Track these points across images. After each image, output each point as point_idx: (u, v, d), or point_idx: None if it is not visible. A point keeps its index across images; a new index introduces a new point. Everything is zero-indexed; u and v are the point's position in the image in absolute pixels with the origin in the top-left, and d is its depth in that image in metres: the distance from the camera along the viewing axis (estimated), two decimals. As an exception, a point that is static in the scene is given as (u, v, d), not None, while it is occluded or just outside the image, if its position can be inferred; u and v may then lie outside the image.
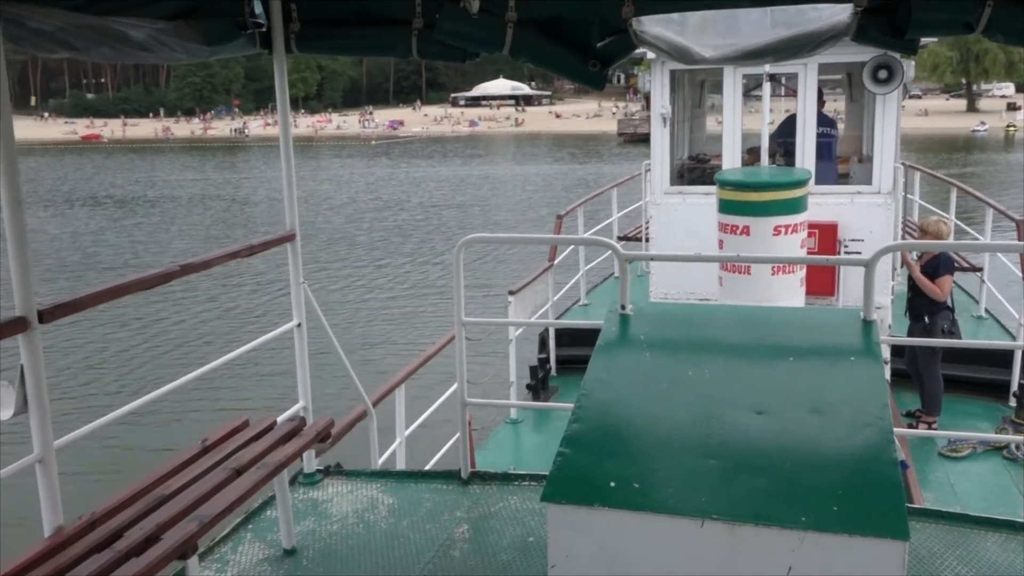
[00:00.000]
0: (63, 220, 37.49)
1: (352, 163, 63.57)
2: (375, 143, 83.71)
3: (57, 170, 62.65)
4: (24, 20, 2.86)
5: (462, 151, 71.47)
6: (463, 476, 4.64)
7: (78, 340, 16.71)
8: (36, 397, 2.96)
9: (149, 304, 19.09)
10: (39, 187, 51.27)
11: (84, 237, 32.71)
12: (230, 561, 3.94)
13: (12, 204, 2.88)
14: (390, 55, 4.11)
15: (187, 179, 54.01)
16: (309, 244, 29.52)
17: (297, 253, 4.48)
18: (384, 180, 50.46)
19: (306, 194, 42.88)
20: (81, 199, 44.97)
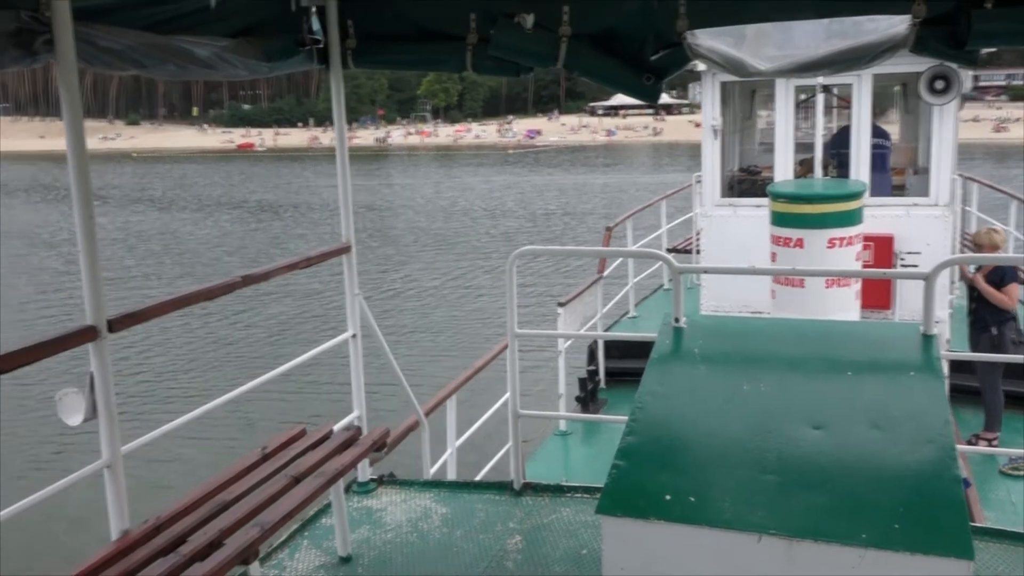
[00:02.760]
0: (212, 223, 39.35)
1: (484, 171, 65.11)
2: (512, 152, 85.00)
3: (211, 176, 65.98)
4: (95, 39, 2.98)
5: (595, 160, 72.23)
6: (515, 487, 4.66)
7: (143, 348, 17.10)
8: (105, 404, 3.02)
9: (210, 313, 19.55)
10: (192, 192, 53.87)
11: (227, 238, 34.23)
12: (287, 567, 4.00)
13: (84, 217, 2.97)
14: (444, 70, 4.18)
15: (322, 185, 55.94)
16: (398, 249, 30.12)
17: (353, 265, 4.55)
18: (507, 188, 51.42)
19: (425, 201, 44.66)
20: (228, 204, 46.72)
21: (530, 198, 46.02)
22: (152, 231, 38.04)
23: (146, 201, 51.58)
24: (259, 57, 3.74)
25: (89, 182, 3.02)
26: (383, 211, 42.90)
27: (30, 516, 2.83)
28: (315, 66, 4.17)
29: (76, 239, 3.03)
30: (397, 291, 23.89)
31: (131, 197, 54.24)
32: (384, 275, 26.08)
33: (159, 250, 32.64)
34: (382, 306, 21.57)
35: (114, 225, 39.71)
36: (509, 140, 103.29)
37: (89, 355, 3.02)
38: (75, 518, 6.92)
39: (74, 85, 2.89)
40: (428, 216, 40.29)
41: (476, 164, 73.48)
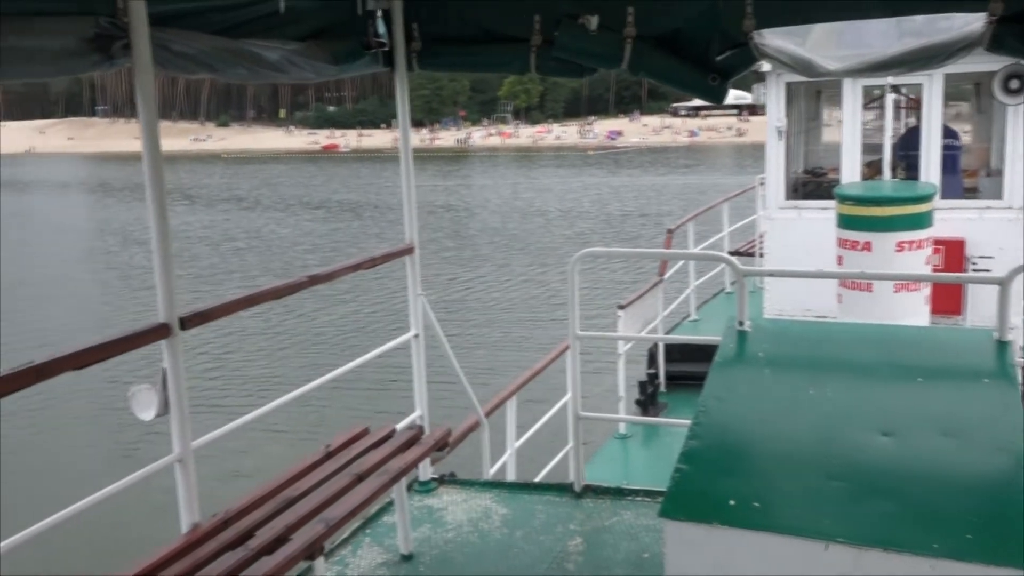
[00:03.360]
0: (293, 222, 40.71)
1: (562, 173, 65.53)
2: (592, 154, 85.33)
3: (295, 177, 68.04)
4: (170, 44, 3.06)
5: (676, 162, 72.02)
6: (576, 489, 4.66)
7: (214, 345, 17.58)
8: (177, 400, 3.10)
9: (277, 312, 19.95)
10: (276, 192, 55.77)
11: (307, 237, 35.33)
12: (350, 564, 4.06)
13: (158, 217, 3.05)
14: (508, 71, 4.21)
15: (401, 186, 56.60)
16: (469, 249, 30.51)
17: (416, 266, 4.61)
18: (584, 189, 51.65)
19: (502, 202, 45.29)
20: (310, 203, 48.18)
21: (607, 199, 45.95)
22: (236, 229, 39.14)
23: (232, 200, 53.05)
24: (326, 60, 3.82)
25: (163, 183, 3.08)
26: (459, 211, 43.38)
27: (104, 507, 2.91)
28: (380, 68, 4.23)
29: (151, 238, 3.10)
30: (465, 290, 24.16)
31: (219, 196, 55.85)
32: (453, 275, 26.40)
33: (243, 248, 33.55)
34: (449, 306, 21.81)
35: (201, 223, 41.00)
36: (589, 141, 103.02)
37: (162, 352, 3.09)
38: (148, 510, 7.16)
39: (150, 88, 2.98)
40: (503, 217, 40.61)
41: (555, 165, 73.70)
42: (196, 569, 2.92)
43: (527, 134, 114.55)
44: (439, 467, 4.83)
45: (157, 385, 3.08)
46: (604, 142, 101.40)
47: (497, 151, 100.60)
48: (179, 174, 78.18)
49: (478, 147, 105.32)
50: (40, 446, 13.12)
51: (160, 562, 2.90)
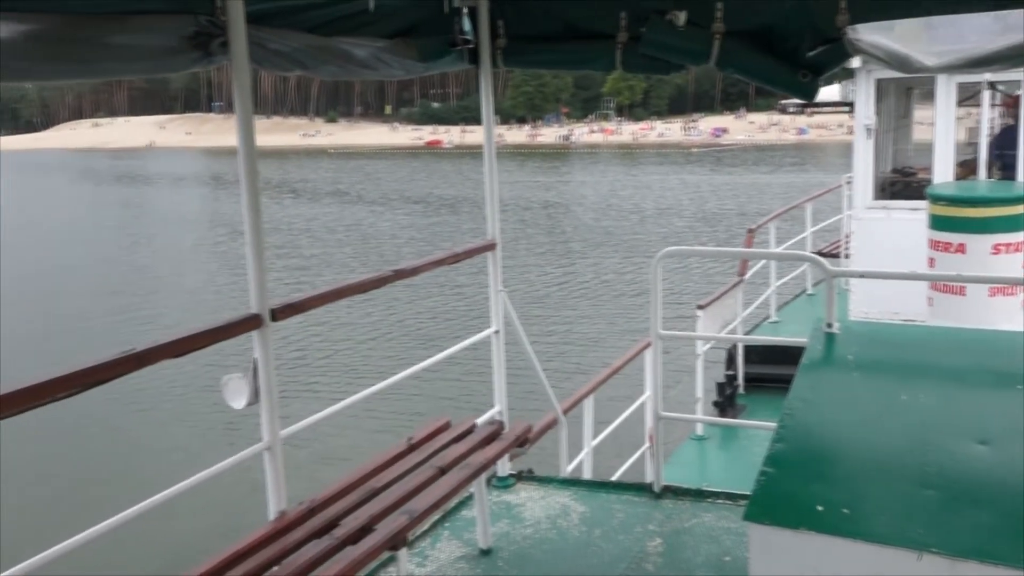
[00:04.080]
0: (391, 216, 41.84)
1: (663, 170, 65.36)
2: (695, 151, 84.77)
3: (397, 172, 69.93)
4: (265, 42, 3.16)
5: (782, 160, 71.07)
6: (655, 489, 4.62)
7: (302, 336, 17.98)
8: (266, 389, 3.17)
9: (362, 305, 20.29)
10: (378, 186, 57.36)
11: (405, 231, 36.30)
12: (429, 556, 4.11)
13: (252, 211, 3.12)
14: (593, 68, 4.20)
15: (499, 182, 57.43)
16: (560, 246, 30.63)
17: (497, 262, 4.64)
18: (684, 187, 51.39)
19: (599, 199, 45.37)
20: (410, 198, 49.39)
21: (706, 198, 45.33)
22: (337, 223, 40.07)
23: (335, 194, 54.37)
24: (414, 57, 3.88)
25: (257, 177, 3.15)
26: (555, 208, 43.46)
27: (196, 493, 3.00)
28: (466, 66, 4.27)
29: (245, 231, 3.17)
30: (553, 287, 24.17)
31: (323, 191, 57.29)
32: (543, 271, 26.49)
33: (342, 240, 34.32)
34: (535, 301, 21.86)
35: (304, 216, 42.14)
36: (693, 139, 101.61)
37: (253, 342, 3.16)
38: (232, 497, 7.41)
39: (246, 85, 3.05)
40: (599, 214, 40.57)
41: (656, 163, 73.07)
42: (284, 555, 2.98)
43: (629, 131, 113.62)
44: (517, 463, 4.85)
45: (248, 374, 3.15)
46: (708, 139, 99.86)
47: (598, 148, 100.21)
48: (287, 169, 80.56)
49: (580, 144, 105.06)
50: (145, 429, 13.67)
51: (249, 547, 2.96)
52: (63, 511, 10.18)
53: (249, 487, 4.31)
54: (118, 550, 7.90)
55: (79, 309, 22.71)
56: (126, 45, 2.66)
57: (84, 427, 13.21)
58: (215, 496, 5.98)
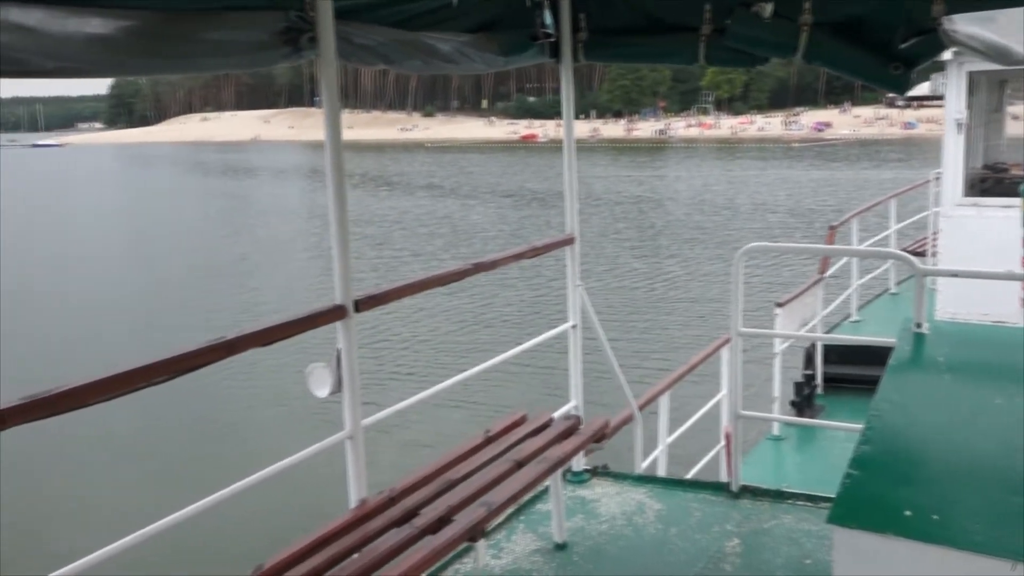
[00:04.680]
0: (482, 209, 42.18)
1: (761, 165, 64.46)
2: (796, 146, 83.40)
3: (490, 166, 70.70)
4: (352, 37, 3.21)
5: (887, 155, 69.21)
6: (733, 489, 4.55)
7: (383, 327, 18.21)
8: (349, 379, 3.22)
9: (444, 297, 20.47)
10: (471, 180, 58.10)
11: (494, 224, 36.54)
12: (504, 548, 4.12)
13: (337, 204, 3.16)
14: (676, 62, 4.13)
15: (592, 176, 57.89)
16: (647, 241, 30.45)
17: (576, 256, 4.61)
18: (781, 182, 50.53)
19: (691, 194, 45.05)
20: (501, 192, 49.91)
21: (803, 194, 44.25)
22: (429, 216, 40.55)
23: (429, 187, 55.01)
24: (496, 51, 3.90)
25: (343, 171, 3.19)
26: (647, 203, 43.08)
27: (279, 480, 3.06)
28: (547, 60, 4.26)
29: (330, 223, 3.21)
30: (636, 281, 23.93)
31: (416, 184, 58.05)
32: (628, 265, 26.28)
33: (432, 233, 34.72)
34: (617, 295, 21.69)
35: (397, 209, 42.81)
36: (794, 133, 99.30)
37: (337, 333, 3.22)
38: (314, 485, 7.57)
39: (333, 79, 3.10)
40: (691, 209, 40.00)
41: (754, 158, 71.73)
42: (365, 543, 3.02)
43: (728, 125, 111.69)
44: (591, 459, 4.83)
45: (332, 364, 3.20)
46: (810, 134, 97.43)
47: (695, 142, 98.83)
48: (384, 162, 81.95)
49: (676, 138, 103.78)
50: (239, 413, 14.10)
51: (331, 534, 3.01)
52: (168, 485, 10.66)
53: (330, 474, 4.40)
54: (202, 534, 8.24)
55: (180, 298, 23.56)
56: (220, 41, 2.72)
57: (192, 409, 13.71)
58: (299, 482, 6.14)
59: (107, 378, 2.38)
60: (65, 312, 22.33)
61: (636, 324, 19.12)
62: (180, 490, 9.78)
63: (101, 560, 2.41)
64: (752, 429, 7.88)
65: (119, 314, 21.99)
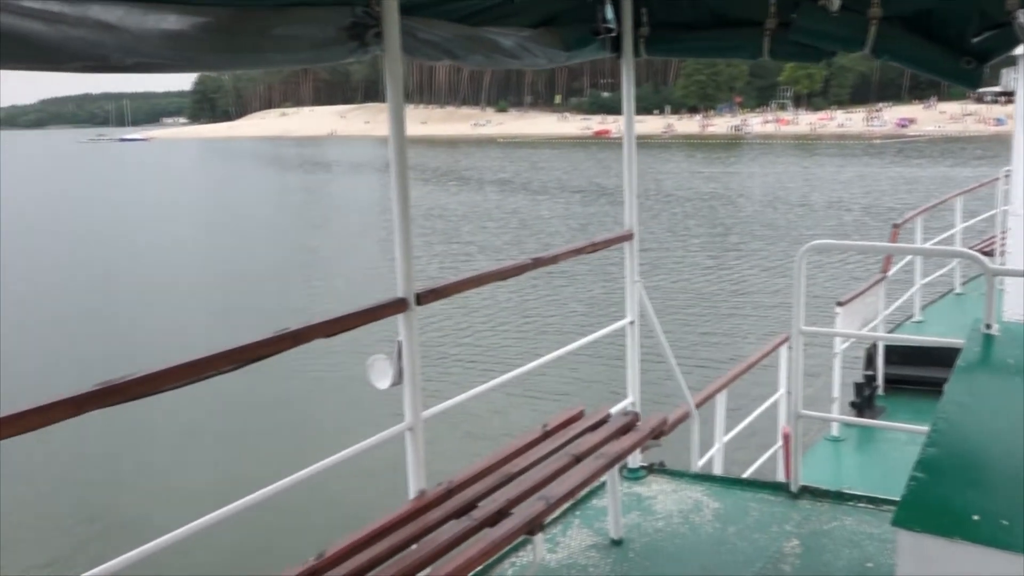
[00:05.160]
0: (550, 204, 42.27)
1: (838, 162, 63.30)
2: (877, 143, 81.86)
3: (560, 162, 70.77)
4: (416, 32, 3.22)
5: (972, 152, 67.37)
6: (792, 489, 4.49)
7: (441, 321, 18.30)
8: (410, 371, 3.24)
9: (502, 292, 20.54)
10: (540, 175, 58.22)
11: (560, 220, 36.49)
12: (560, 543, 4.13)
13: (400, 197, 3.20)
14: (739, 57, 4.09)
15: (664, 172, 57.65)
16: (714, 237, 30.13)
17: (634, 252, 4.60)
18: (859, 180, 49.49)
19: (763, 191, 44.59)
20: (570, 187, 49.90)
21: (882, 191, 43.17)
22: (497, 210, 40.68)
23: (499, 182, 55.16)
24: (558, 46, 3.89)
25: (406, 165, 3.21)
26: (718, 199, 42.54)
27: (338, 470, 3.08)
28: (609, 55, 4.24)
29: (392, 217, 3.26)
30: (702, 278, 23.69)
31: (488, 178, 58.27)
32: (693, 261, 26.04)
33: (500, 227, 34.81)
34: (680, 292, 21.54)
35: (466, 203, 43.05)
36: (876, 129, 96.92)
37: (399, 325, 3.25)
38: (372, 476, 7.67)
39: (399, 74, 3.11)
40: (762, 206, 39.39)
41: (832, 154, 70.27)
42: (424, 533, 3.05)
43: (807, 121, 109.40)
44: (647, 455, 4.80)
45: (393, 356, 3.23)
46: (893, 130, 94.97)
47: (772, 139, 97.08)
48: (457, 157, 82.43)
49: (752, 134, 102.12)
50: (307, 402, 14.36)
51: (390, 524, 3.04)
52: (237, 467, 10.98)
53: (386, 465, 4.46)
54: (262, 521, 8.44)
55: (254, 287, 24.16)
56: (289, 36, 2.77)
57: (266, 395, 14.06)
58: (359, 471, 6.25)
59: (178, 366, 2.44)
60: (149, 297, 23.24)
61: (698, 321, 18.96)
62: (253, 472, 10.08)
63: (171, 543, 2.49)
64: (810, 429, 7.76)
65: (197, 300, 22.81)
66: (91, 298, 23.35)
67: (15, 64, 2.04)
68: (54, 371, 15.59)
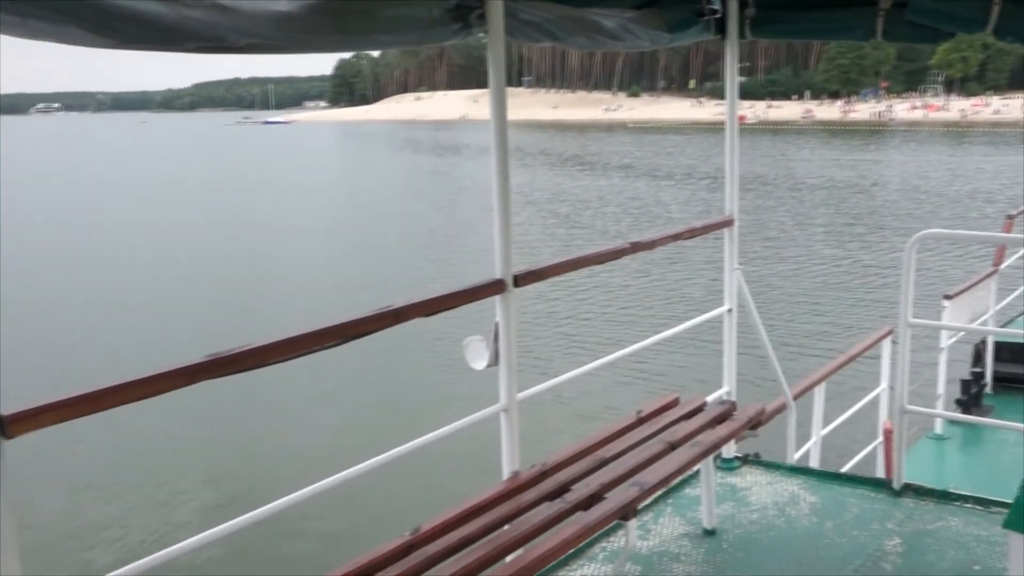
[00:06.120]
0: (676, 190, 41.69)
1: (989, 151, 60.24)
2: None
3: (691, 148, 69.73)
4: (519, 13, 3.22)
5: None
6: (894, 486, 4.33)
7: (536, 303, 18.26)
8: (506, 352, 3.26)
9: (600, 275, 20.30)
10: (667, 161, 57.61)
11: (681, 206, 35.98)
12: (652, 530, 4.09)
13: (501, 179, 3.19)
14: (850, 38, 3.90)
15: (796, 159, 56.20)
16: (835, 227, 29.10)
17: (734, 239, 4.49)
18: (1012, 170, 46.65)
19: (901, 181, 42.85)
20: (697, 175, 49.00)
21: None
22: (617, 194, 40.29)
23: (623, 168, 54.56)
24: (661, 28, 3.81)
25: (507, 148, 3.21)
26: (850, 188, 40.83)
27: (431, 449, 3.14)
28: (712, 36, 4.13)
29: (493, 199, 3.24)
30: (818, 266, 22.95)
31: (614, 164, 57.78)
32: (809, 249, 25.27)
33: (617, 211, 34.45)
34: (789, 281, 20.95)
35: (588, 188, 42.83)
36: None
37: (496, 307, 3.27)
38: (466, 456, 7.75)
39: (501, 56, 3.12)
40: (898, 196, 37.58)
41: (984, 143, 66.42)
42: (519, 514, 3.06)
43: (959, 107, 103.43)
44: (741, 446, 4.71)
45: (489, 337, 3.26)
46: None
47: (918, 126, 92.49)
48: (584, 142, 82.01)
49: (897, 121, 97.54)
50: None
51: (484, 503, 3.07)
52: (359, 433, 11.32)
53: (478, 446, 4.52)
54: (362, 495, 8.64)
55: (372, 263, 24.91)
56: (395, 17, 2.80)
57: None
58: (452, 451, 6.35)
59: (285, 340, 2.51)
60: (282, 273, 24.41)
61: (801, 310, 18.40)
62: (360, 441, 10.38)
63: (282, 508, 2.59)
64: (912, 426, 7.44)
65: (326, 275, 23.84)
66: (226, 272, 24.69)
67: (136, 45, 2.11)
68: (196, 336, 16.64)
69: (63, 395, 2.00)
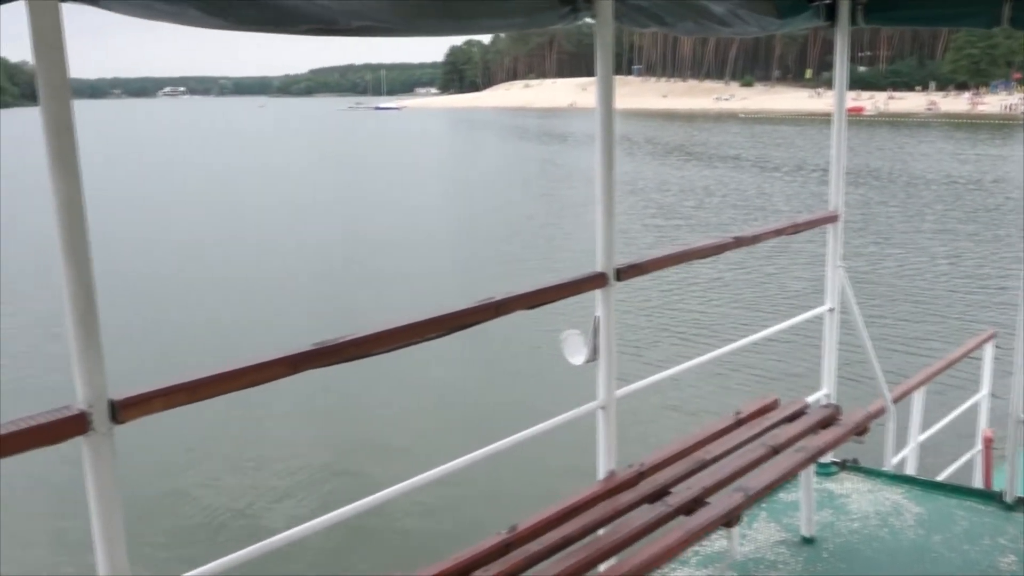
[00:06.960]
0: (783, 184, 40.71)
1: None
2: None
3: (803, 140, 67.41)
4: None
5: None
6: (1007, 499, 4.12)
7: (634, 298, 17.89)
8: (606, 348, 3.17)
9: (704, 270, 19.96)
10: (774, 153, 56.31)
11: (786, 200, 35.11)
12: (747, 536, 3.98)
13: (605, 170, 3.11)
14: (971, 25, 3.69)
15: (915, 154, 54.14)
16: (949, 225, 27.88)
17: (838, 235, 4.34)
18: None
19: None
20: (808, 167, 47.73)
21: None
22: (721, 186, 39.42)
23: (730, 159, 53.32)
24: (771, 13, 3.68)
25: (613, 137, 3.13)
26: (969, 184, 38.87)
27: (527, 445, 3.06)
28: (823, 23, 3.97)
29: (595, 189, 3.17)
30: (926, 267, 21.99)
31: (720, 155, 56.54)
32: (918, 247, 24.31)
33: (719, 204, 33.71)
34: (896, 279, 20.20)
35: (692, 179, 42.06)
36: None
37: (596, 300, 3.18)
38: (560, 454, 7.68)
39: (609, 41, 3.06)
40: (1019, 192, 35.67)
41: None
42: (615, 516, 3.00)
43: None
44: (839, 450, 4.54)
45: (588, 332, 3.17)
46: None
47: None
48: (692, 132, 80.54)
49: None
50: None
51: (581, 503, 3.01)
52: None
53: (572, 444, 4.46)
54: (451, 493, 8.77)
55: (472, 252, 25.21)
56: (502, 1, 2.79)
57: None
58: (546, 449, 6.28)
59: (388, 331, 2.50)
60: (391, 251, 25.33)
61: (909, 311, 17.71)
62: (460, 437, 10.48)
63: (380, 502, 2.59)
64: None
65: (432, 254, 24.94)
66: (337, 251, 25.59)
67: (249, 27, 2.14)
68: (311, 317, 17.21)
69: (170, 381, 2.02)
